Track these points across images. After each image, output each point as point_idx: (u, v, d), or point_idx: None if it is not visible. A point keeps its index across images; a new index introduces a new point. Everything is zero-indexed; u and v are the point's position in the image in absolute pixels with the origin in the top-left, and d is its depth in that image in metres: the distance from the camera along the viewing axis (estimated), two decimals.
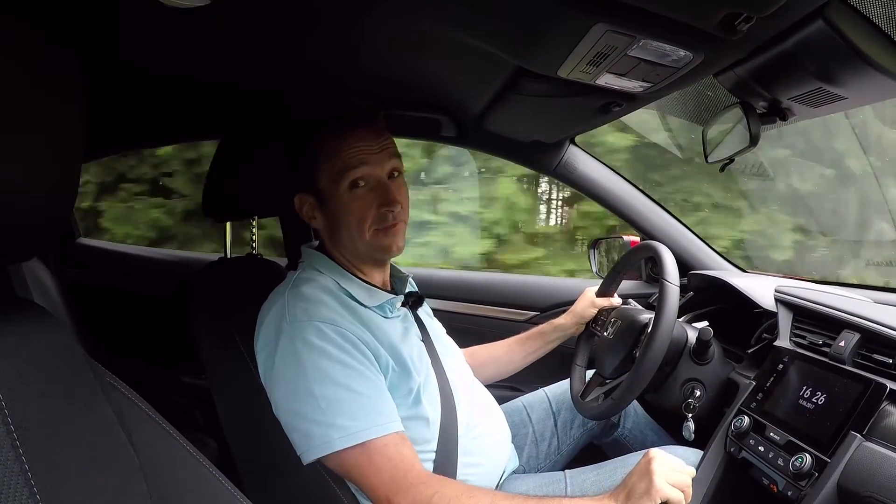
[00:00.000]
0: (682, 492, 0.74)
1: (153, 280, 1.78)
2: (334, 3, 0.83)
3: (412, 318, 0.99)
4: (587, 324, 1.25)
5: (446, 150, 2.73)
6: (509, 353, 1.25)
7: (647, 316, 1.11)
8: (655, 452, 0.76)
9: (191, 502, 0.52)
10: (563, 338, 1.25)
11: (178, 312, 1.23)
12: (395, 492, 0.76)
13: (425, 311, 1.07)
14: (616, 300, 1.25)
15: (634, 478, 0.75)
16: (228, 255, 1.24)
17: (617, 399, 1.00)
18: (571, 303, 1.28)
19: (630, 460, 0.99)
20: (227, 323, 0.96)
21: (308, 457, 0.80)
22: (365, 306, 0.90)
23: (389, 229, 0.91)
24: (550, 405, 1.24)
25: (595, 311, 1.24)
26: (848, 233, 2.30)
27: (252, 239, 1.26)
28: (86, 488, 0.41)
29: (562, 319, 1.25)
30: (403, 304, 0.98)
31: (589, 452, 1.25)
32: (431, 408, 0.89)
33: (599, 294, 1.25)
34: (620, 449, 1.25)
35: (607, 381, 1.13)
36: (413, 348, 0.92)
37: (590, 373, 1.22)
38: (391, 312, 0.94)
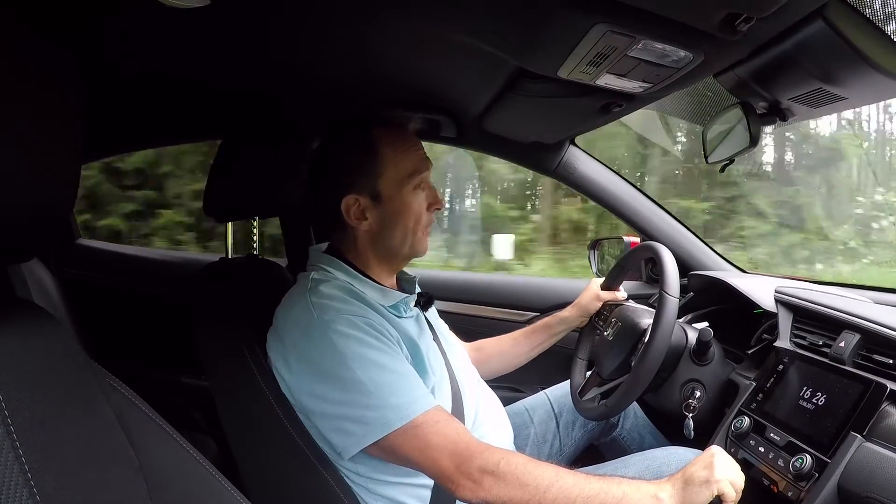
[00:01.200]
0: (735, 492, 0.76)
1: (153, 281, 1.78)
2: (335, 4, 0.83)
3: (424, 319, 1.00)
4: (591, 317, 1.25)
5: None
6: (516, 346, 1.26)
7: (647, 322, 1.11)
8: (717, 450, 0.79)
9: (190, 502, 0.52)
10: (568, 330, 1.26)
11: (178, 313, 1.23)
12: (461, 461, 0.76)
13: (432, 312, 1.08)
14: (621, 294, 1.25)
15: (696, 467, 0.76)
16: (229, 256, 1.23)
17: (611, 406, 1.00)
18: (571, 304, 1.28)
19: (630, 461, 0.99)
20: (228, 323, 0.96)
21: (364, 442, 0.79)
22: (381, 306, 0.90)
23: (429, 233, 0.97)
24: (552, 407, 1.24)
25: (599, 304, 1.25)
26: None
27: (252, 239, 1.26)
28: (85, 489, 0.41)
29: (566, 312, 1.26)
30: (415, 305, 0.99)
31: (587, 453, 1.26)
32: (444, 406, 0.89)
33: (604, 287, 1.25)
34: (618, 449, 1.25)
35: (605, 381, 1.13)
36: (429, 347, 0.93)
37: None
38: (405, 312, 0.94)
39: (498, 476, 0.75)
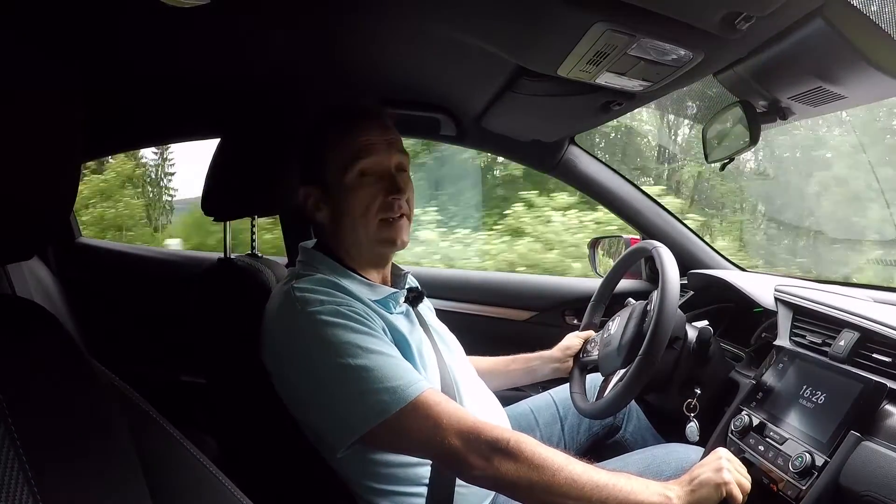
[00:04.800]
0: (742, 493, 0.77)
1: (153, 280, 1.78)
2: (335, 3, 0.83)
3: (414, 314, 0.99)
4: (575, 355, 1.24)
5: None
6: (494, 368, 1.25)
7: (645, 302, 1.10)
8: (725, 452, 0.80)
9: (191, 502, 0.52)
10: (545, 372, 1.24)
11: (178, 312, 1.23)
12: (470, 438, 0.75)
13: (426, 307, 1.07)
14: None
15: (704, 468, 0.77)
16: (229, 255, 1.23)
17: (644, 354, 0.95)
18: (571, 302, 1.28)
19: (629, 459, 0.99)
20: (228, 323, 0.96)
21: (362, 428, 0.77)
22: (369, 301, 0.89)
23: (395, 221, 0.91)
24: (557, 410, 1.23)
25: (580, 341, 1.25)
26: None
27: (253, 238, 1.26)
28: (86, 488, 0.41)
29: (548, 351, 1.26)
30: (405, 300, 0.97)
31: (589, 454, 1.25)
32: None
33: (582, 330, 1.28)
34: (620, 451, 1.25)
35: (620, 367, 1.11)
36: (420, 342, 0.91)
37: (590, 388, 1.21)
38: (395, 308, 0.93)
39: (509, 454, 0.74)
